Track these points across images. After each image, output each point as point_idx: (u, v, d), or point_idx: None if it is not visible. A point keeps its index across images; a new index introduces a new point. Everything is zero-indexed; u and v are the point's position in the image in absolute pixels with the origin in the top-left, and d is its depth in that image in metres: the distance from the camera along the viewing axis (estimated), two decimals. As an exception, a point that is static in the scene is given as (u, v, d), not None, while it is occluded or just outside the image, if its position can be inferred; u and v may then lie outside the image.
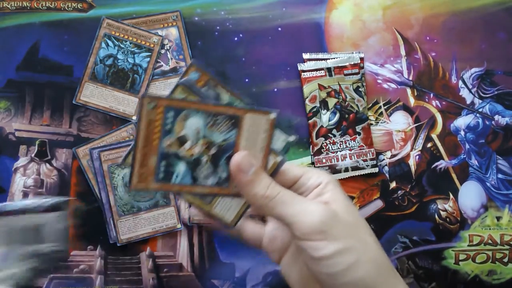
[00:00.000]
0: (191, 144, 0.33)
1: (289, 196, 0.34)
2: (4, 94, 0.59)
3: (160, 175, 0.32)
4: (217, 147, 0.33)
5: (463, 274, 0.59)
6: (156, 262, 0.58)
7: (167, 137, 0.32)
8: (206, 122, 0.33)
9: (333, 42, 0.61)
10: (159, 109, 0.32)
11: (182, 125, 0.32)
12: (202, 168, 0.33)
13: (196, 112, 0.32)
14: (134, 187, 0.32)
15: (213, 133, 0.33)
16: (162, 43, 0.60)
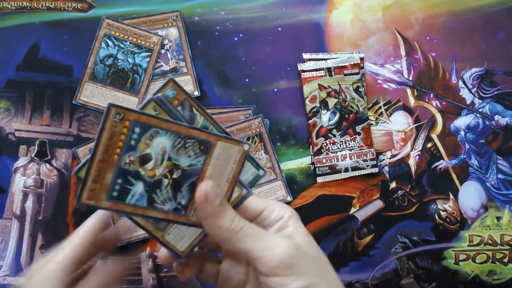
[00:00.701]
0: (154, 165, 0.31)
1: (254, 230, 0.33)
2: (4, 94, 0.59)
3: (114, 193, 0.30)
4: (182, 171, 0.31)
5: (463, 274, 0.59)
6: (156, 262, 0.58)
7: (129, 153, 0.30)
8: (174, 144, 0.31)
9: (333, 42, 0.61)
10: (125, 122, 0.29)
11: (148, 144, 0.30)
12: (161, 192, 0.31)
13: (165, 132, 0.30)
14: (82, 203, 0.29)
15: (179, 157, 0.31)
16: (162, 43, 0.60)
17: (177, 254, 0.34)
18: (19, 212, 0.58)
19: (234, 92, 0.60)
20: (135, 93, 0.59)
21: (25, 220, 0.58)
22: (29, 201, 0.58)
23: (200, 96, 0.59)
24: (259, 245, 0.32)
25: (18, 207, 0.58)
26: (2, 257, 0.57)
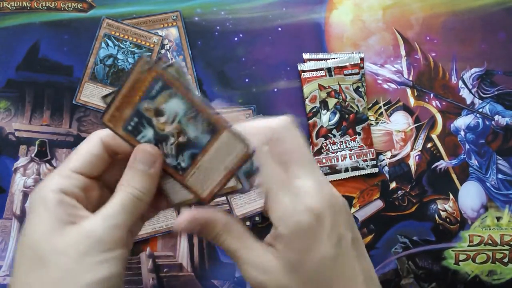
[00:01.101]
0: (165, 121, 0.33)
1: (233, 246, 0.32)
2: (4, 94, 0.59)
3: (129, 127, 0.33)
4: (187, 138, 0.33)
5: (463, 274, 0.59)
6: (156, 262, 0.58)
7: (147, 101, 0.33)
8: (187, 112, 0.33)
9: (333, 42, 0.61)
10: (151, 73, 0.32)
11: (165, 100, 0.33)
12: (166, 146, 0.33)
13: (181, 97, 0.33)
14: (104, 121, 0.33)
15: (189, 125, 0.33)
16: (162, 43, 0.60)
17: (200, 200, 0.35)
18: (19, 212, 0.58)
19: (234, 92, 0.60)
20: (135, 93, 0.59)
21: (25, 220, 0.58)
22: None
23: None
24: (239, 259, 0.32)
25: (18, 207, 0.58)
26: (2, 257, 0.57)
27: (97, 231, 0.30)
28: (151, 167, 0.33)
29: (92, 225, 0.30)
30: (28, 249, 0.31)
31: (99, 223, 0.30)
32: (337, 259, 0.31)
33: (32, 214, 0.32)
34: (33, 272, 0.30)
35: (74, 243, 0.30)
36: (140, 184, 0.32)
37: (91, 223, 0.31)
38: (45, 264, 0.30)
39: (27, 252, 0.31)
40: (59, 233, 0.30)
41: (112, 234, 0.30)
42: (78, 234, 0.30)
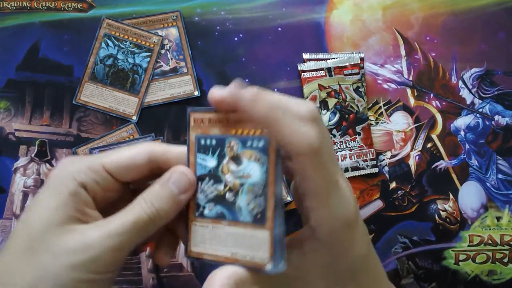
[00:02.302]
0: (233, 170, 0.31)
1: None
2: (4, 94, 0.59)
3: (201, 140, 0.31)
4: (232, 201, 0.31)
5: (463, 274, 0.59)
6: (156, 262, 0.58)
7: (238, 141, 0.30)
8: (255, 184, 0.30)
9: (333, 42, 0.61)
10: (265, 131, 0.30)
11: (250, 157, 0.30)
12: (211, 185, 0.31)
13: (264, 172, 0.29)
14: (191, 115, 0.31)
15: (246, 194, 0.30)
16: (162, 43, 0.60)
17: (186, 248, 0.33)
18: (19, 212, 0.58)
19: (234, 92, 0.60)
20: (135, 93, 0.59)
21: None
22: (29, 201, 0.58)
23: (200, 96, 0.59)
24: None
25: (18, 207, 0.58)
26: (2, 257, 0.57)
27: (96, 248, 0.29)
28: (182, 193, 0.31)
29: (94, 239, 0.29)
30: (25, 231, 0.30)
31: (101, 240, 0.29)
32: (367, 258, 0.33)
33: (44, 193, 0.30)
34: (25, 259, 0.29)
35: (71, 250, 0.29)
36: (163, 205, 0.30)
37: (94, 235, 0.29)
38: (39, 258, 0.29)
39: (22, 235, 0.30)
40: (59, 229, 0.29)
41: (109, 257, 0.29)
42: (75, 243, 0.29)
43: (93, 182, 0.31)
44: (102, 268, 0.29)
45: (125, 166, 0.31)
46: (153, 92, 0.60)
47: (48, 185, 0.31)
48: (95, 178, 0.31)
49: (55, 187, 0.30)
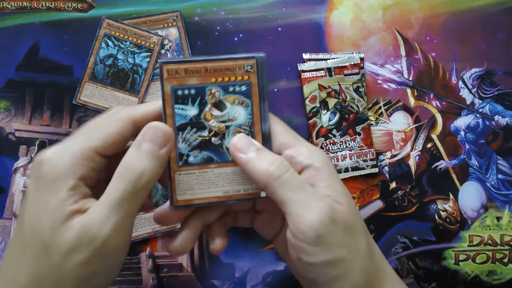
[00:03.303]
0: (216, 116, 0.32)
1: (296, 180, 0.31)
2: (4, 94, 0.59)
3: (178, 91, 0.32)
4: (219, 144, 0.32)
5: (463, 275, 0.59)
6: (156, 262, 0.58)
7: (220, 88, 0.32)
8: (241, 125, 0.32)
9: (333, 42, 0.61)
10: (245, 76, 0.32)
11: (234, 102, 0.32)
12: (192, 133, 0.32)
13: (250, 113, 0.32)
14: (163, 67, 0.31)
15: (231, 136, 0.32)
16: (162, 43, 0.60)
17: (171, 200, 0.33)
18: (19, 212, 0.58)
19: (234, 92, 0.60)
20: (135, 93, 0.59)
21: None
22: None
23: (200, 96, 0.59)
24: (295, 200, 0.30)
25: (18, 207, 0.58)
26: (2, 257, 0.57)
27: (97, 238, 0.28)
28: (162, 147, 0.30)
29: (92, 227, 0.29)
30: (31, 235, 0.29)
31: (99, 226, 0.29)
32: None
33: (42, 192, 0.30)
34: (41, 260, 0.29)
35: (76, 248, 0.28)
36: (146, 166, 0.29)
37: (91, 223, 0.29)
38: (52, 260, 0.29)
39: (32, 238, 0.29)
40: (61, 227, 0.29)
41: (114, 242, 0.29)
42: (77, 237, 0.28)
43: (90, 170, 0.30)
44: (111, 253, 0.29)
45: (114, 143, 0.31)
46: (153, 92, 0.60)
47: (44, 184, 0.30)
48: (91, 166, 0.30)
49: (53, 185, 0.30)
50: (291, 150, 0.33)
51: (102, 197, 0.30)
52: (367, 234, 0.33)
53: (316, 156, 0.32)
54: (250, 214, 0.38)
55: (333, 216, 0.30)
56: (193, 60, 0.31)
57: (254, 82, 0.32)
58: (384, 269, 0.34)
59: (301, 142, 0.33)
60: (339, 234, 0.30)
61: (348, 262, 0.31)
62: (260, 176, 0.31)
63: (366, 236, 0.33)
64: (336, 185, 0.32)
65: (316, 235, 0.30)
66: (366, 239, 0.33)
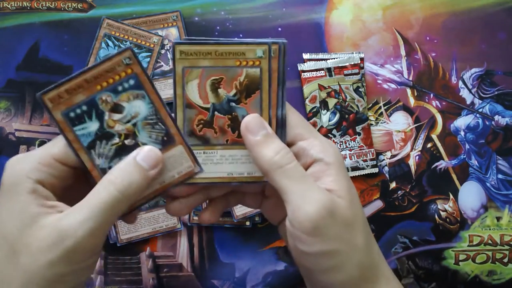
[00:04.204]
0: (119, 119, 0.31)
1: (298, 171, 0.31)
2: (4, 94, 0.59)
3: (71, 113, 0.30)
4: (134, 143, 0.32)
5: (463, 274, 0.59)
6: (156, 262, 0.58)
7: (109, 93, 0.31)
8: (147, 117, 0.31)
9: (333, 42, 0.61)
10: (128, 69, 0.30)
11: (129, 99, 0.31)
12: (105, 145, 0.31)
13: (149, 102, 0.31)
14: (43, 98, 0.30)
15: (143, 130, 0.31)
16: (162, 43, 0.60)
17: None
18: (19, 212, 0.58)
19: (234, 92, 0.60)
20: (135, 93, 0.59)
21: None
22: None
23: (200, 96, 0.59)
24: (295, 190, 0.31)
25: (18, 207, 0.58)
26: None
27: (71, 238, 0.28)
28: (152, 168, 0.31)
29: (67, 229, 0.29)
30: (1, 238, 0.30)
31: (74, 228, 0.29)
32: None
33: (4, 199, 0.30)
34: (6, 264, 0.29)
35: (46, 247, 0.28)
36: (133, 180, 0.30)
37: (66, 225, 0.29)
38: (18, 260, 0.29)
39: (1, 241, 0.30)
40: (30, 227, 0.29)
41: (86, 243, 0.29)
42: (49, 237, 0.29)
43: (49, 176, 0.31)
44: (81, 256, 0.29)
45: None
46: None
47: (4, 190, 0.31)
48: (49, 172, 0.31)
49: (12, 190, 0.30)
50: (305, 142, 0.33)
51: (83, 201, 0.30)
52: (366, 231, 0.33)
53: (328, 151, 0.33)
54: (259, 198, 0.39)
55: (332, 209, 0.31)
56: (73, 77, 0.30)
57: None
58: (381, 267, 0.34)
59: (316, 135, 0.34)
60: (337, 227, 0.31)
61: (344, 255, 0.31)
62: (264, 162, 0.31)
63: (366, 233, 0.33)
64: (342, 181, 0.32)
65: (313, 226, 0.30)
66: (365, 236, 0.33)
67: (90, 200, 0.30)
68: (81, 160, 0.32)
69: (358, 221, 0.33)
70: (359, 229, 0.32)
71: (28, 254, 0.29)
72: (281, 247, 0.58)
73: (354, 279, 0.32)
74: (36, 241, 0.29)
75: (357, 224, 0.32)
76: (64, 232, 0.29)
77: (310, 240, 0.31)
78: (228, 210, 0.56)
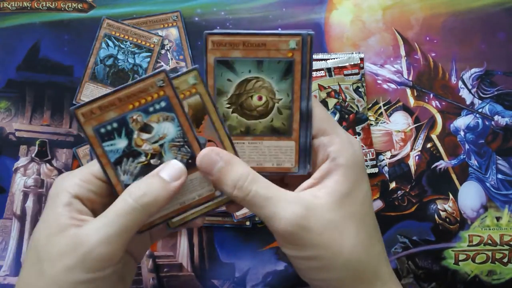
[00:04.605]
0: (147, 139, 0.32)
1: (261, 195, 0.32)
2: (4, 94, 0.59)
3: (101, 129, 0.31)
4: (159, 163, 0.32)
5: (462, 274, 0.59)
6: (156, 262, 0.58)
7: (140, 113, 0.31)
8: (174, 139, 0.32)
9: (333, 42, 0.61)
10: (160, 92, 0.31)
11: (159, 120, 0.32)
12: (131, 163, 0.32)
13: (178, 125, 0.32)
14: (76, 112, 0.31)
15: (169, 152, 0.32)
16: (162, 43, 0.60)
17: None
18: (20, 212, 0.58)
19: (234, 92, 0.60)
20: (135, 93, 0.59)
21: (25, 220, 0.58)
22: (30, 201, 0.58)
23: (200, 96, 0.59)
24: (264, 211, 0.31)
25: (19, 207, 0.58)
26: (2, 257, 0.57)
27: (85, 245, 0.29)
28: (174, 180, 0.32)
29: (83, 236, 0.30)
30: (31, 247, 0.31)
31: (89, 235, 0.30)
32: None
33: (44, 211, 0.32)
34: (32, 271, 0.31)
35: (64, 252, 0.30)
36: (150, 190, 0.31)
37: (83, 233, 0.30)
38: (41, 266, 0.30)
39: (31, 249, 0.31)
40: (57, 236, 0.30)
41: (101, 251, 0.29)
42: (68, 244, 0.30)
43: (87, 192, 0.32)
44: (96, 263, 0.30)
45: None
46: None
47: (47, 203, 0.33)
48: (88, 187, 0.32)
49: (52, 203, 0.32)
50: (326, 138, 0.34)
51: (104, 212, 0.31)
52: (363, 233, 0.33)
53: (346, 151, 0.33)
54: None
55: (304, 222, 0.31)
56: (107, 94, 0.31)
57: (174, 97, 0.31)
58: (380, 269, 0.34)
59: (338, 131, 0.34)
60: (312, 236, 0.31)
61: (326, 259, 0.32)
62: (234, 196, 0.32)
63: (360, 234, 0.33)
64: (342, 185, 0.32)
65: (286, 239, 0.31)
66: (357, 237, 0.32)
67: (108, 210, 0.31)
68: (107, 175, 0.32)
69: (349, 223, 0.32)
70: (349, 231, 0.32)
71: (49, 260, 0.30)
72: (281, 247, 0.58)
73: (345, 279, 0.32)
74: (57, 248, 0.30)
75: (346, 225, 0.32)
76: (80, 238, 0.30)
77: (288, 246, 0.32)
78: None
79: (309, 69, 0.33)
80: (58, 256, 0.30)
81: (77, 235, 0.30)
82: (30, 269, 0.31)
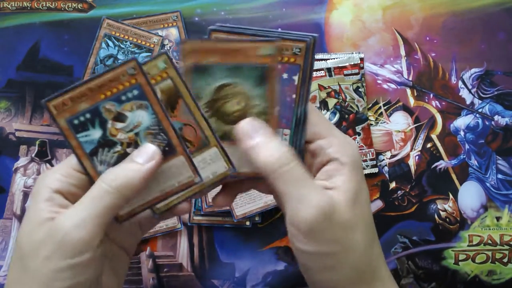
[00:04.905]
0: (122, 128, 0.32)
1: (297, 172, 0.31)
2: (4, 94, 0.59)
3: (75, 121, 0.31)
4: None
5: (462, 274, 0.59)
6: (156, 262, 0.58)
7: (112, 102, 0.31)
8: (149, 127, 0.32)
9: (333, 42, 0.61)
10: (132, 79, 0.31)
11: (132, 108, 0.31)
12: (107, 153, 0.32)
13: (152, 112, 0.31)
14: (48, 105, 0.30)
15: (145, 139, 0.32)
16: (162, 43, 0.60)
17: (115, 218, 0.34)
18: (20, 212, 0.58)
19: (234, 92, 0.60)
20: (135, 93, 0.59)
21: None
22: (30, 201, 0.58)
23: (200, 96, 0.59)
24: (292, 193, 0.31)
25: (19, 207, 0.58)
26: (2, 257, 0.57)
27: (61, 230, 0.30)
28: (147, 162, 0.31)
29: (58, 224, 0.30)
30: (15, 245, 0.32)
31: (64, 222, 0.30)
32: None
33: (27, 209, 0.33)
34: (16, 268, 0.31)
35: (42, 243, 0.30)
36: (123, 173, 0.31)
37: (60, 220, 0.30)
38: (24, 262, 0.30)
39: (15, 248, 0.32)
40: (37, 229, 0.30)
41: (77, 235, 0.29)
42: (46, 233, 0.30)
43: (68, 185, 0.32)
44: (73, 249, 0.30)
45: None
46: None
47: (29, 201, 0.33)
48: (69, 181, 0.32)
49: (33, 200, 0.32)
50: (324, 141, 0.33)
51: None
52: (369, 233, 0.34)
53: (346, 150, 0.33)
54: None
55: (330, 212, 0.31)
56: (77, 85, 0.30)
57: (146, 84, 0.31)
58: (379, 269, 0.34)
59: (335, 133, 0.34)
60: (334, 230, 0.31)
61: (340, 257, 0.31)
62: (259, 165, 0.31)
63: (367, 235, 0.33)
64: (352, 182, 0.32)
65: (309, 228, 0.31)
66: (366, 238, 0.33)
67: (83, 196, 0.31)
68: (83, 166, 0.32)
69: (360, 223, 0.33)
70: (360, 231, 0.33)
71: (29, 254, 0.30)
72: (281, 247, 0.58)
73: (349, 280, 0.32)
74: (36, 240, 0.30)
75: (358, 225, 0.33)
76: (56, 226, 0.30)
77: (306, 240, 0.31)
78: (228, 210, 0.56)
79: (310, 74, 0.33)
80: (37, 248, 0.30)
81: (53, 224, 0.30)
82: (14, 267, 0.31)
